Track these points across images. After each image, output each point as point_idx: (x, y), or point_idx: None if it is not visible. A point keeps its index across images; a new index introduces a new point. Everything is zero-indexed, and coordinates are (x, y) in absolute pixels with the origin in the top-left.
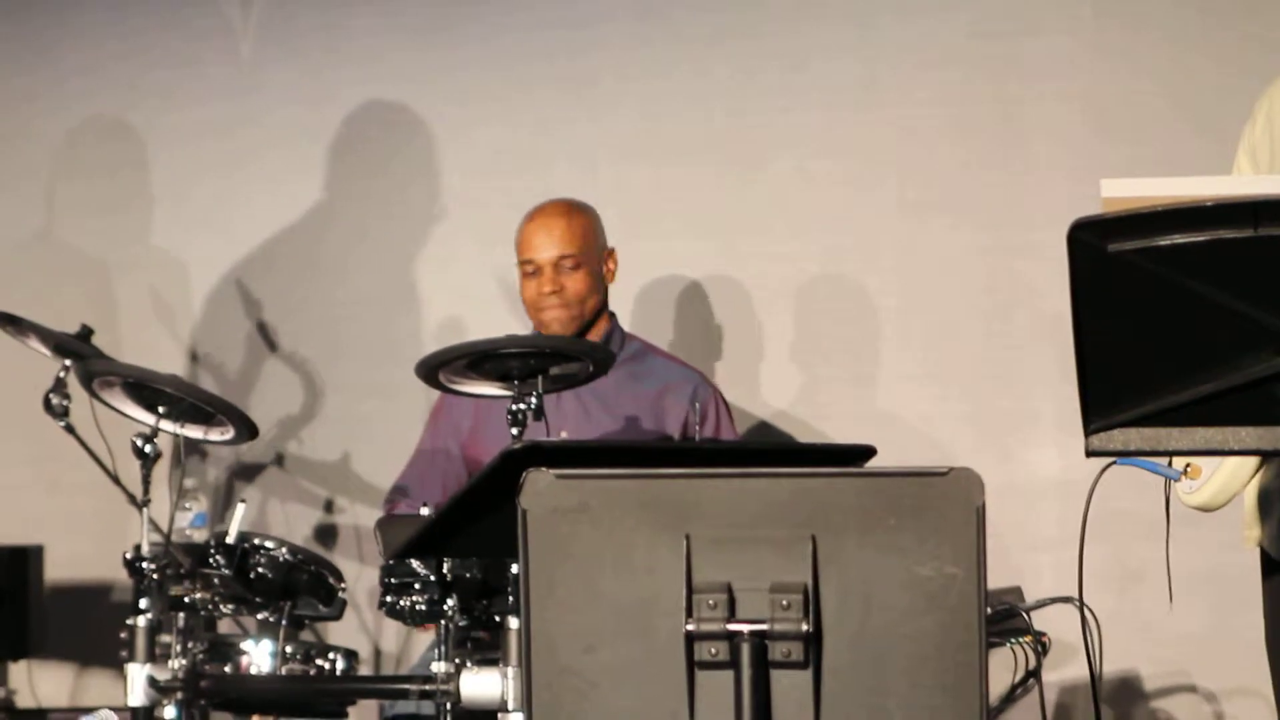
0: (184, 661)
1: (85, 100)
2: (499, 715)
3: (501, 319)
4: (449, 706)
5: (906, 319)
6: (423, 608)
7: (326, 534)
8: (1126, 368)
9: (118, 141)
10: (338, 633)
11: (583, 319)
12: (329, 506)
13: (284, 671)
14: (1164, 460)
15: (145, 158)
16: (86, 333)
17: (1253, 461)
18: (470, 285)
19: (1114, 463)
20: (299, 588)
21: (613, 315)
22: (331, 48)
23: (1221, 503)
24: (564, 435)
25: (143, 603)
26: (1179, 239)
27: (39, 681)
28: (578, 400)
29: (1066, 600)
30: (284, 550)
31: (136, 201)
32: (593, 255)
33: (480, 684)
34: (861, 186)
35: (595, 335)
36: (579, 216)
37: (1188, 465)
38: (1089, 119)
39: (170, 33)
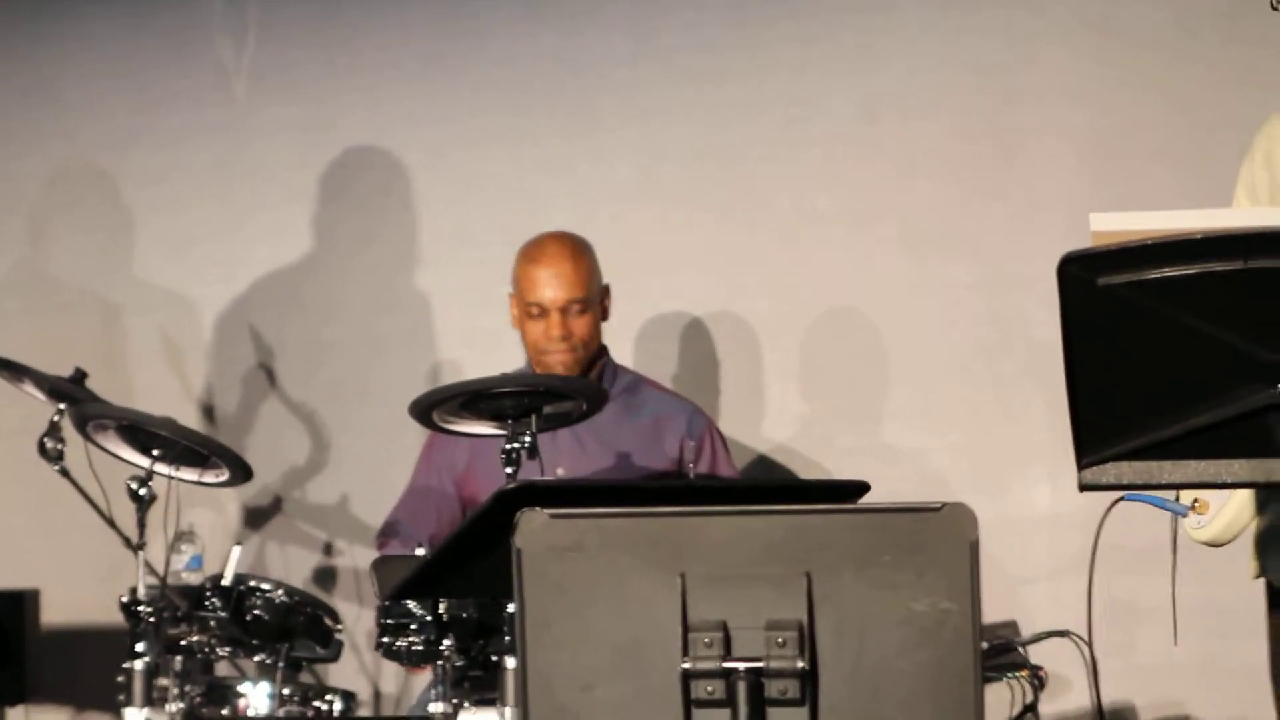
0: (181, 705)
1: (80, 141)
2: None
3: (500, 360)
4: None
5: (903, 353)
6: (419, 648)
7: (326, 576)
8: (1118, 401)
9: (112, 182)
10: (338, 675)
11: (586, 360)
12: (328, 549)
13: (282, 714)
14: (1171, 495)
15: (142, 198)
16: (80, 376)
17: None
18: (469, 326)
19: (1122, 498)
20: (296, 630)
21: (604, 349)
22: (327, 87)
23: (1230, 537)
24: (560, 471)
25: (139, 646)
26: (1169, 272)
27: None
28: (573, 435)
29: (1063, 634)
30: (280, 592)
31: (133, 241)
32: (596, 297)
33: None
34: (859, 222)
35: (592, 372)
36: (583, 258)
37: (1195, 501)
38: (1084, 154)
39: (166, 73)
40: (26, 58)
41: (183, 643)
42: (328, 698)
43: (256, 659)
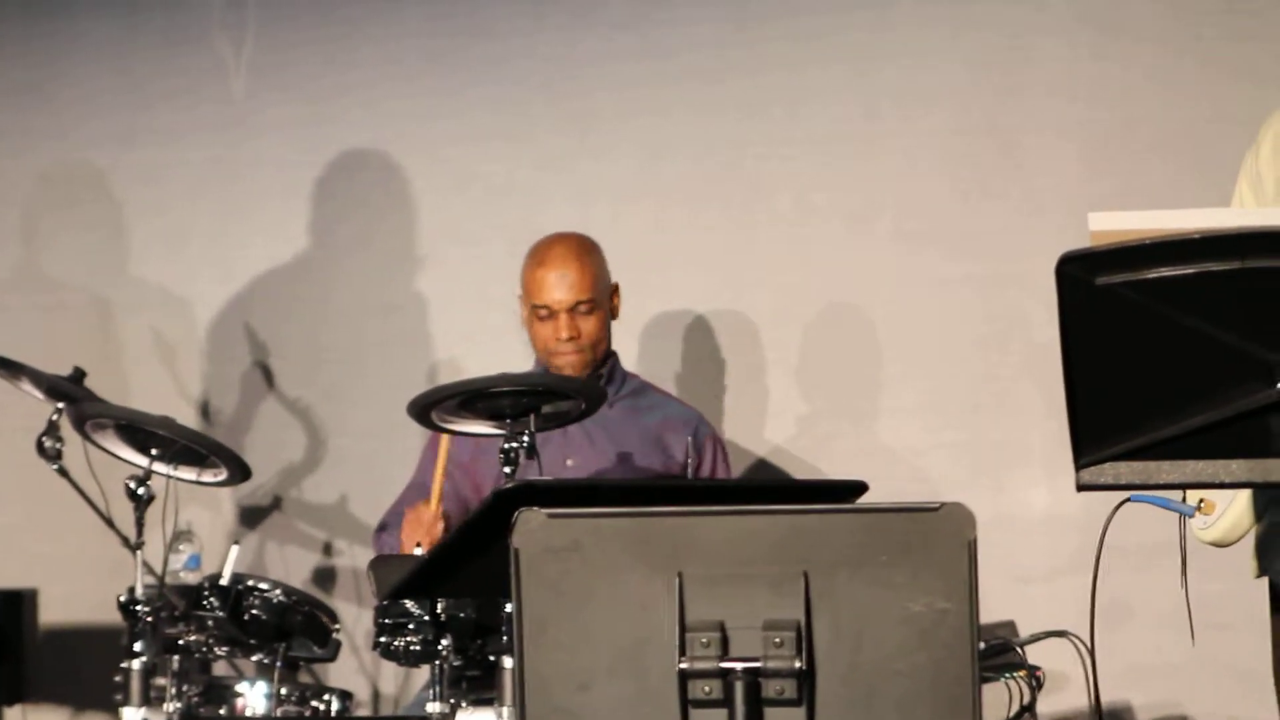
0: (179, 704)
1: (76, 139)
2: None
3: (499, 359)
4: None
5: (901, 351)
6: (417, 648)
7: (325, 577)
8: (1116, 400)
9: (108, 180)
10: (337, 674)
11: (596, 361)
12: (327, 549)
13: (279, 713)
14: (1177, 496)
15: (138, 196)
16: (79, 375)
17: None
18: (469, 325)
19: (1128, 499)
20: (293, 629)
21: (613, 353)
22: (326, 85)
23: (1236, 538)
24: (569, 463)
25: (137, 646)
26: (1167, 271)
27: None
28: (583, 429)
29: (1061, 635)
30: (278, 592)
31: (130, 240)
32: (604, 297)
33: None
34: (859, 220)
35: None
36: (590, 259)
37: (1201, 501)
38: (1082, 152)
39: (164, 72)
40: (22, 55)
41: (180, 642)
42: (325, 697)
43: (254, 658)
